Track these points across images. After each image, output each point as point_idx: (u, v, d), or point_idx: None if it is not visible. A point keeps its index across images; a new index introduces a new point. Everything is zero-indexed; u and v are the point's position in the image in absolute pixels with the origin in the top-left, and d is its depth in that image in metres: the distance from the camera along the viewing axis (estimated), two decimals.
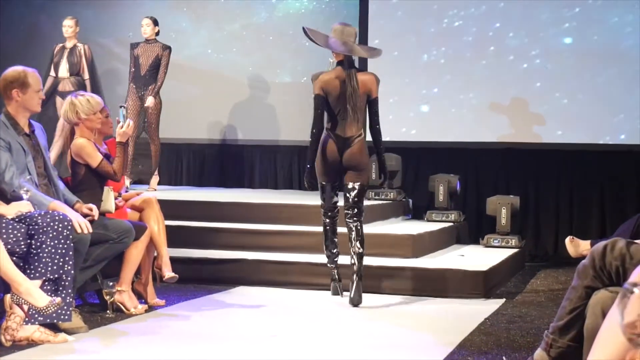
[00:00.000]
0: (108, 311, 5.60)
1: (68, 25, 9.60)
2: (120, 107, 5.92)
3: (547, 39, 9.20)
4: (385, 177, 6.56)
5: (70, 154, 5.73)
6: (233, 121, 10.51)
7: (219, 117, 10.50)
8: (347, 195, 6.35)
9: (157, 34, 9.41)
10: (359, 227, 6.33)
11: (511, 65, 9.30)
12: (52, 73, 9.58)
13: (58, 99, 9.32)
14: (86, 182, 5.68)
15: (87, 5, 10.84)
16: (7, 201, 4.94)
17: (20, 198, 4.92)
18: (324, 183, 6.44)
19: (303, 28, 6.40)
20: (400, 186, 9.08)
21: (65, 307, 4.68)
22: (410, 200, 9.28)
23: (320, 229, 6.75)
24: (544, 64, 9.18)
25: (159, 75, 9.25)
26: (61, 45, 9.68)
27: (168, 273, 5.87)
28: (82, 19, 10.04)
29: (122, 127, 5.76)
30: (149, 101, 9.13)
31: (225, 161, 10.56)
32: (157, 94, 9.23)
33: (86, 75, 9.56)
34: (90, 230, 5.05)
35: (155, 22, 9.39)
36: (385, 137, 9.02)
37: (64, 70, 9.56)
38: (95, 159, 5.66)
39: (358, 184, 6.34)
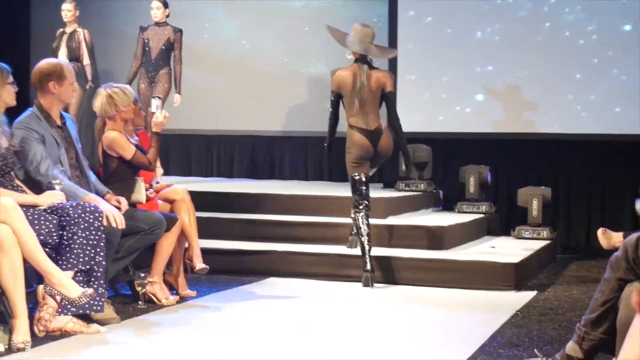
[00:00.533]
0: (140, 302, 5.63)
1: (67, 9, 9.34)
2: (154, 97, 5.97)
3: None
4: (410, 168, 7.05)
5: (101, 146, 5.75)
6: (264, 112, 10.50)
7: (250, 108, 10.49)
8: (365, 179, 6.78)
9: (168, 16, 9.11)
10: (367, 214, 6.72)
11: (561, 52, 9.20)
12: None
13: None
14: (118, 174, 5.71)
15: None
16: (41, 192, 4.98)
17: (53, 189, 4.96)
18: (358, 176, 6.73)
19: (326, 26, 6.96)
20: (431, 177, 9.04)
21: (97, 298, 4.72)
22: (441, 192, 9.24)
23: (346, 220, 6.95)
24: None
25: (176, 65, 9.00)
26: (62, 30, 9.44)
27: (199, 264, 5.89)
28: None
29: (157, 117, 5.80)
30: (177, 99, 8.96)
31: (255, 152, 10.57)
32: (179, 88, 9.00)
33: (86, 61, 9.28)
34: (123, 225, 5.08)
35: (166, 5, 9.09)
36: (415, 128, 9.13)
37: (62, 55, 9.24)
38: (129, 150, 5.68)
39: (374, 169, 7.00)
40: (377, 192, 8.38)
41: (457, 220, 7.92)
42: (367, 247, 6.53)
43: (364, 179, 6.74)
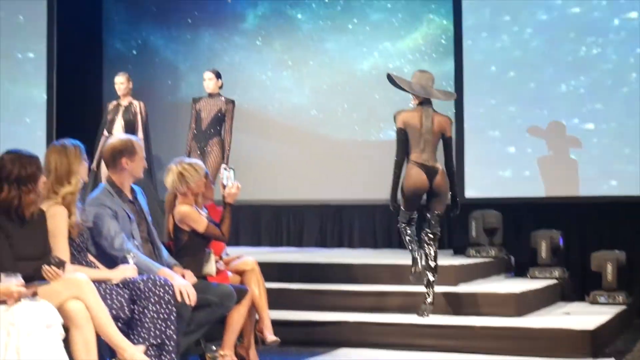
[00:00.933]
0: None
1: (120, 82, 9.32)
2: (225, 168, 5.97)
3: None
4: (457, 207, 7.36)
5: (172, 220, 5.80)
6: (333, 180, 10.54)
7: (319, 176, 10.54)
8: (432, 221, 7.18)
9: (221, 87, 8.98)
10: (436, 251, 7.15)
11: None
12: (105, 133, 9.20)
13: None
14: (188, 247, 5.74)
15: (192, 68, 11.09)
16: (114, 267, 5.05)
17: (127, 263, 5.03)
18: (408, 211, 7.20)
19: (388, 74, 7.34)
20: (502, 243, 8.94)
21: None
22: (512, 257, 9.12)
23: (417, 288, 7.03)
24: None
25: (225, 135, 8.85)
26: (115, 102, 9.36)
27: (270, 336, 5.88)
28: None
29: (230, 188, 5.80)
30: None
31: (324, 221, 10.58)
32: (227, 159, 8.73)
33: (140, 134, 9.03)
34: (194, 301, 5.10)
35: (218, 75, 8.98)
36: (486, 194, 9.07)
37: (118, 127, 9.16)
38: (201, 224, 5.72)
39: (442, 212, 7.23)
40: (447, 259, 8.33)
41: (530, 287, 7.80)
42: (432, 280, 7.00)
43: (414, 218, 7.23)
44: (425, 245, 7.14)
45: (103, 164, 8.12)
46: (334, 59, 10.67)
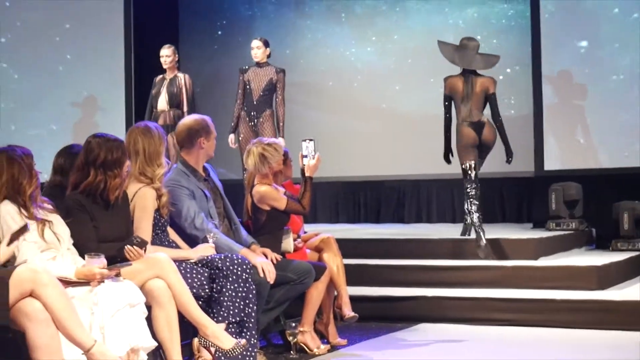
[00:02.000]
0: (292, 352, 5.67)
1: (166, 55, 9.05)
2: (305, 140, 5.86)
3: None
4: (510, 155, 7.99)
5: (250, 200, 5.85)
6: (410, 155, 10.52)
7: (396, 152, 10.54)
8: (475, 164, 7.83)
9: (269, 56, 8.75)
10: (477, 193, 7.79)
11: None
12: (154, 109, 9.06)
13: None
14: (267, 226, 5.77)
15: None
16: (194, 246, 5.13)
17: (207, 242, 5.10)
18: (467, 163, 7.81)
19: (438, 42, 8.14)
20: (582, 215, 8.81)
21: (250, 349, 4.79)
22: (594, 230, 8.98)
23: (496, 263, 7.15)
24: None
25: (278, 108, 8.62)
26: (161, 76, 9.13)
27: (348, 312, 5.90)
28: None
29: (309, 160, 5.78)
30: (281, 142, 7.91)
31: (402, 196, 10.57)
32: (282, 132, 8.56)
33: (185, 107, 8.85)
34: (273, 279, 5.16)
35: (266, 44, 8.73)
36: (566, 165, 8.95)
37: (163, 102, 8.95)
38: (281, 201, 5.73)
39: (484, 158, 8.04)
40: (527, 233, 8.26)
41: (612, 259, 7.66)
42: (477, 222, 7.53)
43: (472, 165, 7.76)
44: (474, 190, 7.78)
45: None
46: (417, 31, 10.62)
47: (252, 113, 8.64)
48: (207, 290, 4.87)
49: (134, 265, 4.46)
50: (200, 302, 4.77)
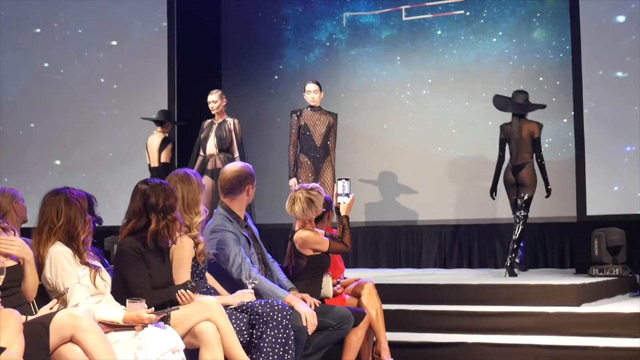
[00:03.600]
0: None
1: (213, 101, 8.99)
2: (341, 179, 5.95)
3: None
4: (548, 191, 8.87)
5: (291, 246, 5.89)
6: (451, 200, 10.52)
7: (437, 197, 10.54)
8: (521, 204, 8.73)
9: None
10: (525, 222, 8.72)
11: None
12: (201, 152, 9.02)
13: (206, 178, 8.42)
14: (307, 271, 5.81)
15: None
16: (232, 291, 5.17)
17: (246, 288, 5.15)
18: (511, 197, 8.92)
19: (494, 96, 8.97)
20: (626, 261, 8.72)
21: None
22: (638, 276, 8.88)
23: (538, 309, 7.06)
24: None
25: (332, 151, 8.59)
26: (210, 120, 9.09)
27: (387, 358, 5.89)
28: None
29: (344, 200, 5.89)
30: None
31: (443, 241, 10.54)
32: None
33: (236, 153, 8.83)
34: (314, 330, 5.18)
35: (321, 88, 8.69)
36: (609, 211, 8.88)
37: (211, 146, 8.90)
38: (324, 244, 5.79)
39: (527, 195, 8.75)
40: (569, 279, 8.19)
41: None
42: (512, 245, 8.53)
43: (515, 200, 8.79)
44: (515, 224, 8.66)
45: (206, 180, 8.08)
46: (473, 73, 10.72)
47: (315, 159, 8.57)
48: (246, 336, 4.91)
49: (183, 310, 4.52)
50: None
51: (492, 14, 10.69)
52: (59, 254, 4.42)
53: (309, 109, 8.64)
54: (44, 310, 4.29)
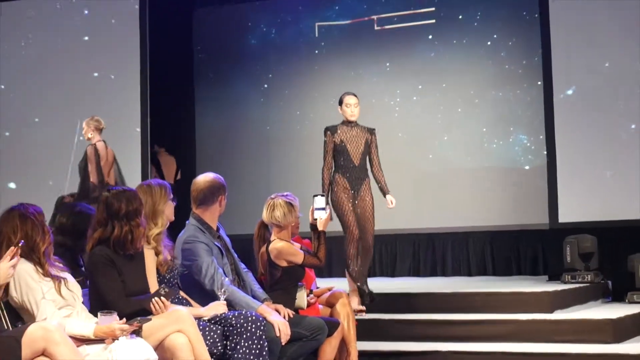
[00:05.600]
0: None
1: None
2: (316, 195, 5.96)
3: None
4: None
5: (264, 256, 5.89)
6: (424, 208, 10.55)
7: (410, 205, 10.55)
8: None
9: None
10: None
11: None
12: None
13: None
14: (281, 282, 5.81)
15: None
16: (207, 301, 5.16)
17: (218, 299, 5.14)
18: None
19: None
20: (598, 268, 8.79)
21: None
22: (610, 282, 8.95)
23: (511, 316, 7.04)
24: None
25: (377, 171, 7.68)
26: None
27: None
28: None
29: (321, 216, 5.89)
30: (391, 201, 7.70)
31: (417, 250, 10.58)
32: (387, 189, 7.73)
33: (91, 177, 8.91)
34: (287, 340, 5.18)
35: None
36: (580, 218, 8.94)
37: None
38: (299, 256, 5.80)
39: None
40: (542, 286, 8.24)
41: (628, 312, 7.61)
42: None
43: None
44: None
45: None
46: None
47: (353, 180, 7.54)
48: (220, 348, 4.89)
49: (155, 320, 4.50)
50: None
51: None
52: (21, 271, 4.39)
53: (344, 124, 7.62)
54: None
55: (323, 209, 5.93)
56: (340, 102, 7.66)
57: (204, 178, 5.62)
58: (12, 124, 11.01)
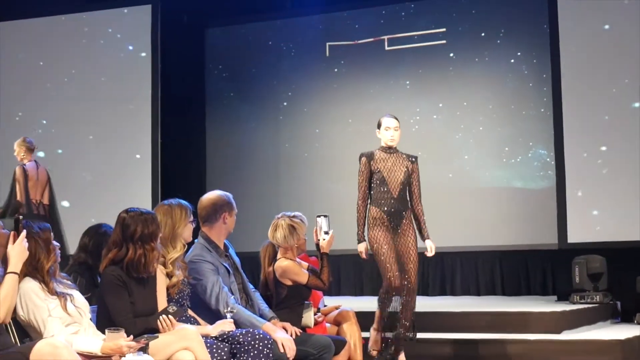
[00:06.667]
0: None
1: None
2: (320, 216, 5.96)
3: None
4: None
5: (271, 274, 5.90)
6: (434, 227, 10.52)
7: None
8: None
9: None
10: None
11: None
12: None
13: None
14: (287, 300, 5.83)
15: None
16: (214, 320, 5.18)
17: (225, 317, 5.15)
18: None
19: None
20: (607, 288, 8.78)
21: None
22: (619, 303, 8.93)
23: (520, 336, 6.98)
24: None
25: (416, 204, 6.66)
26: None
27: None
28: None
29: (324, 238, 5.91)
30: (430, 247, 6.79)
31: (426, 269, 10.57)
32: (427, 233, 6.84)
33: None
34: (293, 355, 5.19)
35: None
36: (589, 238, 8.93)
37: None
38: (303, 276, 5.81)
39: None
40: (551, 306, 8.23)
41: (637, 333, 7.60)
42: None
43: None
44: None
45: None
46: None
47: (392, 214, 6.52)
48: None
49: (163, 337, 4.51)
50: None
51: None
52: (28, 290, 4.41)
53: (382, 150, 6.65)
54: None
55: (326, 231, 5.93)
56: (379, 126, 6.69)
57: (209, 196, 5.63)
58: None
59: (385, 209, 6.49)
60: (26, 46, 11.37)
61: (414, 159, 6.65)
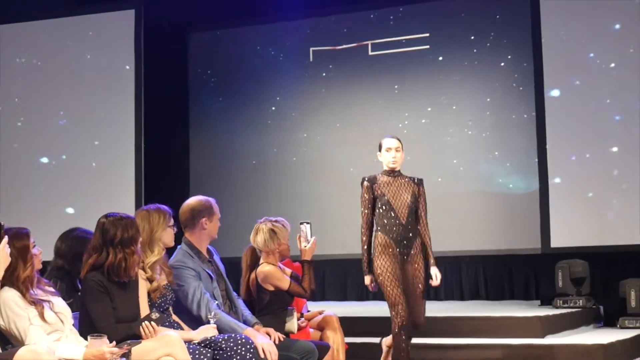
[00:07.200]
0: None
1: None
2: (302, 223, 5.93)
3: None
4: None
5: (254, 280, 5.90)
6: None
7: None
8: None
9: None
10: None
11: None
12: None
13: None
14: (270, 306, 5.82)
15: None
16: (197, 326, 5.17)
17: (207, 323, 5.14)
18: None
19: None
20: (589, 293, 8.82)
21: None
22: (601, 307, 8.97)
23: (503, 340, 6.96)
24: None
25: (423, 229, 6.30)
26: None
27: None
28: None
29: (306, 245, 5.89)
30: (435, 275, 6.30)
31: None
32: (434, 259, 6.38)
33: None
34: (276, 357, 5.18)
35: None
36: (572, 243, 8.96)
37: None
38: (285, 282, 5.80)
39: None
40: (534, 310, 8.25)
41: (619, 337, 7.64)
42: None
43: None
44: None
45: None
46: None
47: (400, 241, 6.14)
48: None
49: (145, 343, 4.51)
50: None
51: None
52: (7, 299, 4.39)
53: (385, 174, 6.30)
54: None
55: (307, 238, 5.92)
56: (380, 148, 6.33)
57: (188, 201, 5.63)
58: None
59: (394, 236, 6.13)
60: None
61: (420, 182, 6.33)
